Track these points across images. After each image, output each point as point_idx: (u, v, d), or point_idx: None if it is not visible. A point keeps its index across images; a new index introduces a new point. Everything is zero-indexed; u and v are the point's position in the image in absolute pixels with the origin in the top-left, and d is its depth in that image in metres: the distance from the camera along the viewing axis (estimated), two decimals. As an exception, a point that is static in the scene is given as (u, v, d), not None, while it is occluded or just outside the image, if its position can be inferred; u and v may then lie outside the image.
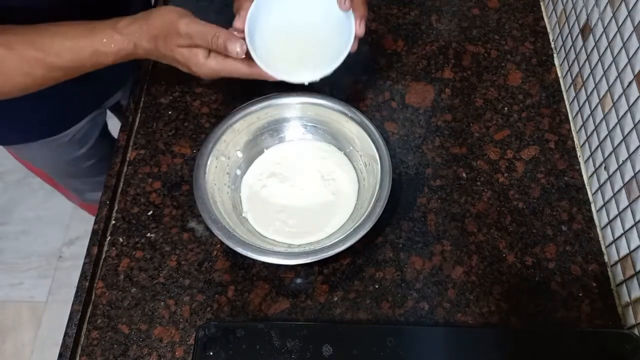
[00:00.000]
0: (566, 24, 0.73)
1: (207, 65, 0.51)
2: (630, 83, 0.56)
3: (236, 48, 0.49)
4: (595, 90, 0.64)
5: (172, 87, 0.72)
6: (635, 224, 0.55)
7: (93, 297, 0.58)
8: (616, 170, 0.59)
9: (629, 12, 0.57)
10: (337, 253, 0.52)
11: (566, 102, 0.71)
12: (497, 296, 0.58)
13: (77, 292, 0.57)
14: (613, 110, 0.60)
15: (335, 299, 0.57)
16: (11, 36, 0.49)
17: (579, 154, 0.67)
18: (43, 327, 1.36)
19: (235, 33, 0.51)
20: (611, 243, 0.59)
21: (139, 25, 0.50)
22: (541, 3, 0.81)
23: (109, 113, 0.90)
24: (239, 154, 0.63)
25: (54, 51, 0.49)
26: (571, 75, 0.71)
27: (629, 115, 0.56)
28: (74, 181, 0.92)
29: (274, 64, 0.52)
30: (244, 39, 0.51)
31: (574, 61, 0.70)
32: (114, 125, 0.85)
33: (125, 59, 0.52)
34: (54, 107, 0.69)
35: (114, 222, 0.63)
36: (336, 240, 0.53)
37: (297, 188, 0.62)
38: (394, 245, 0.61)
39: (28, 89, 0.52)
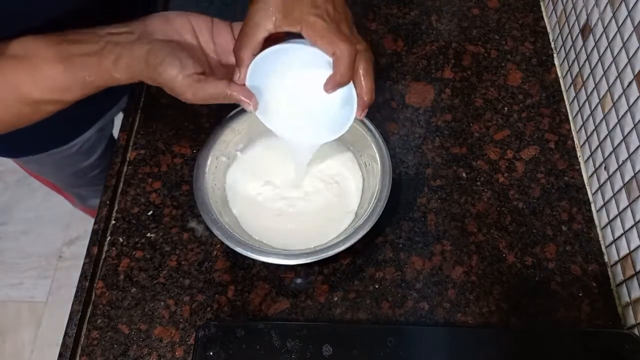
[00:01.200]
0: (566, 24, 0.73)
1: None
2: (630, 83, 0.56)
3: (250, 109, 0.49)
4: (595, 90, 0.64)
5: (172, 87, 0.72)
6: (635, 224, 0.55)
7: (93, 297, 0.58)
8: (616, 170, 0.59)
9: (629, 12, 0.57)
10: (337, 253, 0.52)
11: (566, 102, 0.71)
12: (497, 296, 0.58)
13: (77, 292, 0.57)
14: (613, 110, 0.60)
15: (335, 299, 0.57)
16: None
17: (579, 154, 0.67)
18: (43, 327, 1.36)
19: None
20: (611, 243, 0.59)
21: (140, 71, 0.46)
22: (541, 3, 0.81)
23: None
24: (239, 154, 0.63)
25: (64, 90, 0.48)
26: (571, 75, 0.71)
27: (629, 115, 0.56)
28: (78, 189, 0.92)
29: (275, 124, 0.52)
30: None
31: (574, 61, 0.70)
32: (115, 124, 0.84)
33: None
34: (58, 119, 0.69)
35: (114, 222, 0.63)
36: (336, 240, 0.53)
37: (296, 194, 0.61)
38: (394, 245, 0.61)
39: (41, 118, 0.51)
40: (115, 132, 0.81)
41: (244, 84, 0.48)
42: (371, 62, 0.48)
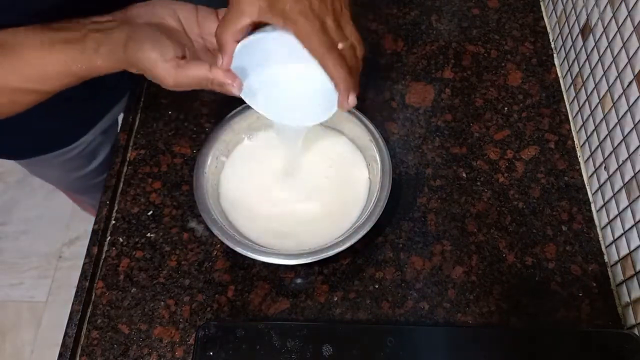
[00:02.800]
0: (566, 24, 0.73)
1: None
2: (630, 83, 0.56)
3: (234, 92, 0.47)
4: (595, 90, 0.64)
5: (172, 87, 0.72)
6: (635, 224, 0.55)
7: (93, 297, 0.58)
8: (616, 170, 0.59)
9: (629, 12, 0.57)
10: (337, 253, 0.52)
11: (566, 102, 0.71)
12: (497, 296, 0.58)
13: (77, 292, 0.57)
14: (613, 110, 0.60)
15: (335, 299, 0.57)
16: None
17: (579, 154, 0.67)
18: (43, 327, 1.36)
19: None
20: (611, 243, 0.59)
21: (121, 57, 0.45)
22: (541, 3, 0.81)
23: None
24: (235, 154, 0.63)
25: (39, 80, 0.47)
26: (571, 75, 0.71)
27: (629, 115, 0.56)
28: (85, 198, 0.91)
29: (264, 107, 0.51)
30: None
31: (574, 61, 0.70)
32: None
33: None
34: (59, 119, 0.68)
35: (114, 222, 0.63)
36: (336, 240, 0.53)
37: (296, 194, 0.61)
38: (394, 245, 0.61)
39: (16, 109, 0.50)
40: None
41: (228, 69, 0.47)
42: (356, 58, 0.48)
